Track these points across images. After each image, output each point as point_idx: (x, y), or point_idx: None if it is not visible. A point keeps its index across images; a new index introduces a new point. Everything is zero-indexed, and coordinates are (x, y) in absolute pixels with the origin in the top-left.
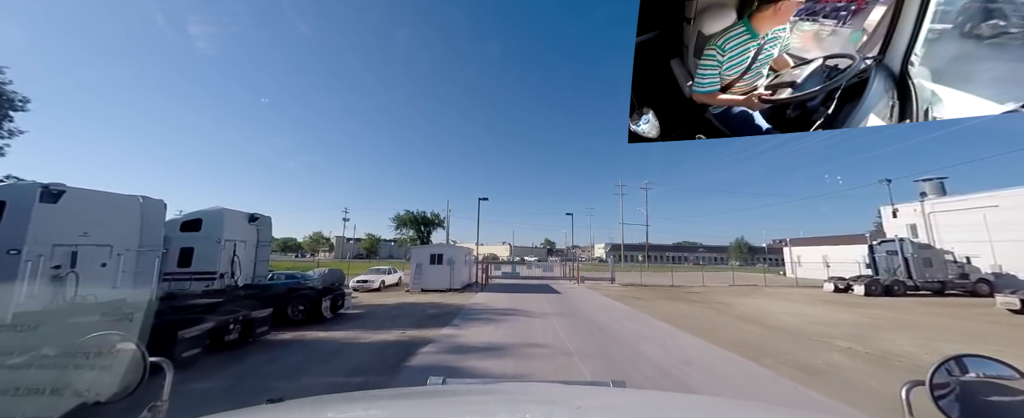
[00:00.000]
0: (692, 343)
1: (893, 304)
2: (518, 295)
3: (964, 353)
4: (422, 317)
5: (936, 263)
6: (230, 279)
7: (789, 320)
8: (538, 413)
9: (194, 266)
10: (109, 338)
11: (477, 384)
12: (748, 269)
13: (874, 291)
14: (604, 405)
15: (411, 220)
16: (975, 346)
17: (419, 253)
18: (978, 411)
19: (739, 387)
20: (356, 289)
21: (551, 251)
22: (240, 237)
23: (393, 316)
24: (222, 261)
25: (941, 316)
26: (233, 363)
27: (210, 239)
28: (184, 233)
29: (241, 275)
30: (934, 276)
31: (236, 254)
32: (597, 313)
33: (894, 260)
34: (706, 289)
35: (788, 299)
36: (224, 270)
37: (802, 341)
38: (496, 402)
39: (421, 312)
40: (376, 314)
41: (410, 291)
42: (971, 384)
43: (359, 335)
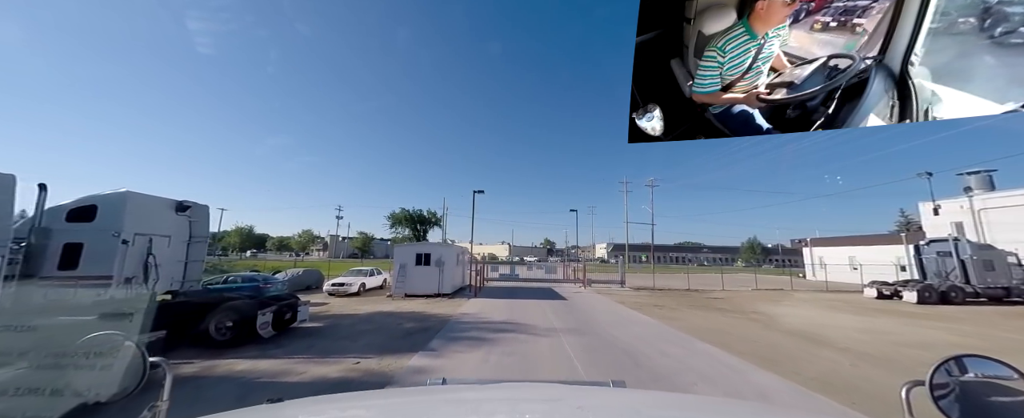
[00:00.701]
0: (773, 385)
1: (961, 314)
2: (518, 301)
3: (964, 353)
4: (394, 334)
5: (998, 266)
6: (142, 284)
7: (863, 339)
8: (538, 413)
9: (82, 268)
10: (109, 338)
11: (477, 384)
12: (761, 271)
13: (928, 298)
14: (604, 405)
15: (406, 218)
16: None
17: (402, 252)
18: (978, 411)
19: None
20: (332, 293)
21: (551, 251)
22: (159, 230)
23: (357, 333)
24: (125, 262)
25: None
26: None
27: (106, 232)
28: (71, 224)
29: (158, 280)
30: (997, 281)
31: (152, 253)
32: (618, 329)
33: (946, 262)
34: (729, 294)
35: (833, 308)
36: (132, 273)
37: None
38: (496, 402)
39: (395, 326)
40: (337, 329)
41: (392, 296)
42: (971, 384)
43: (293, 367)
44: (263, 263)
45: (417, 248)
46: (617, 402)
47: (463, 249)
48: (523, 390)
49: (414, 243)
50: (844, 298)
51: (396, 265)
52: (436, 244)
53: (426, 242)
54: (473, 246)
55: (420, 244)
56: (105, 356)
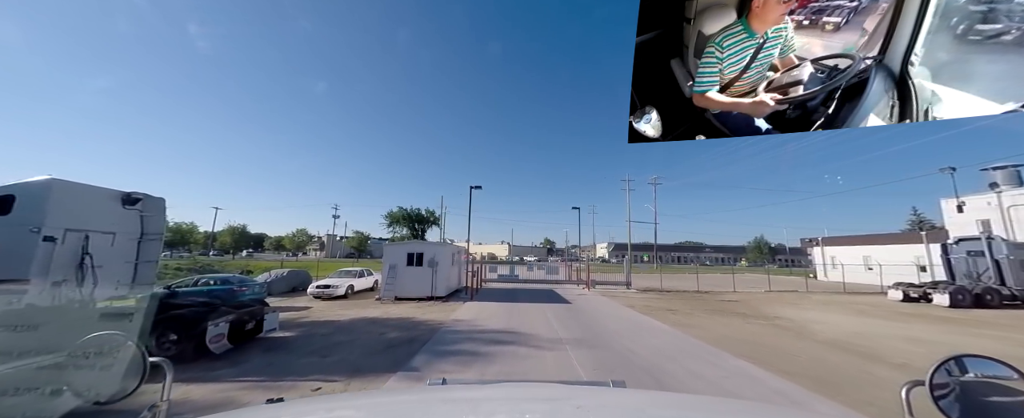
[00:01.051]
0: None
1: (1003, 319)
2: (517, 306)
3: (964, 353)
4: (373, 348)
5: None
6: (78, 288)
7: (916, 352)
8: (538, 413)
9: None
10: (109, 338)
11: (477, 384)
12: (768, 271)
13: (962, 301)
14: (604, 405)
15: (404, 217)
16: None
17: (393, 252)
18: (978, 411)
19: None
20: (317, 296)
21: (551, 251)
22: (100, 226)
23: (331, 345)
24: (51, 262)
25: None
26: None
27: (23, 227)
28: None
29: (97, 284)
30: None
31: (87, 252)
32: (633, 340)
33: (978, 263)
34: (743, 296)
35: (861, 312)
36: (62, 276)
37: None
38: (496, 402)
39: (377, 337)
40: (309, 341)
41: (381, 300)
42: (971, 384)
43: (236, 395)
44: (258, 263)
45: (408, 247)
46: (617, 402)
47: (459, 248)
48: (523, 390)
49: (406, 242)
50: (867, 301)
51: (386, 266)
52: (429, 243)
53: (419, 240)
54: (471, 245)
55: (411, 243)
56: (105, 356)
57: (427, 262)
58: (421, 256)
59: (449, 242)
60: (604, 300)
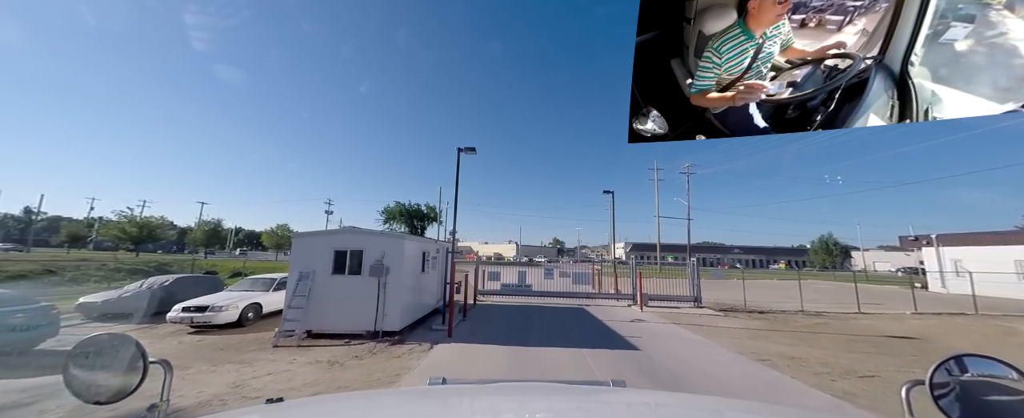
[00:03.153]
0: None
1: None
2: (531, 355)
3: (964, 353)
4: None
5: None
6: None
7: None
8: (538, 413)
9: None
10: (109, 338)
11: (477, 384)
12: (836, 277)
13: None
14: (604, 405)
15: (401, 213)
16: None
17: (306, 248)
18: (978, 411)
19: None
20: (192, 324)
21: (561, 251)
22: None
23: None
24: None
25: None
26: None
27: None
28: None
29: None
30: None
31: None
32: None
33: None
34: (886, 320)
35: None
36: None
37: None
38: (496, 402)
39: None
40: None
41: (279, 344)
42: (971, 384)
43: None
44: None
45: (333, 240)
46: (617, 402)
47: (439, 244)
48: (523, 390)
49: (332, 232)
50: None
51: (293, 275)
52: (378, 234)
53: (354, 229)
54: (476, 245)
55: (341, 233)
56: (105, 356)
57: (368, 269)
58: (359, 256)
59: (449, 240)
60: (686, 335)
